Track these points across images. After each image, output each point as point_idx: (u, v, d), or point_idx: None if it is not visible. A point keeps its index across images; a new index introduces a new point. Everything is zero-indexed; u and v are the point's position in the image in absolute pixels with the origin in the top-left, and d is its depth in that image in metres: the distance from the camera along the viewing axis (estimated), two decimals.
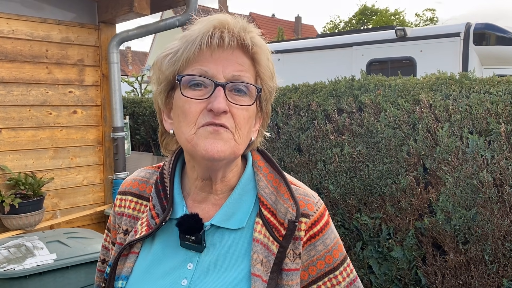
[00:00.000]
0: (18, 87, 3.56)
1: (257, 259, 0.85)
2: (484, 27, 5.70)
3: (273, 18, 37.58)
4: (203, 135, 0.82)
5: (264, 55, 0.88)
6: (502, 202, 2.60)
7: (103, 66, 3.99)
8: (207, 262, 0.88)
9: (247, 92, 0.86)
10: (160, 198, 0.94)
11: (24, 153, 3.61)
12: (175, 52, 0.85)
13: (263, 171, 0.94)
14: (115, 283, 0.91)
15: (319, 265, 0.90)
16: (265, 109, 0.94)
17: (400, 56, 6.24)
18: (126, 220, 0.98)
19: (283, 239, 0.86)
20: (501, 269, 2.63)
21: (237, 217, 0.90)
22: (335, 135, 3.38)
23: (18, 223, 3.34)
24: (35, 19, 3.62)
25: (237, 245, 0.88)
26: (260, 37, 0.88)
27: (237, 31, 0.84)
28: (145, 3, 3.64)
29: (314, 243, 0.90)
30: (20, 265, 2.33)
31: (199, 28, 0.83)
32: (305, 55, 7.18)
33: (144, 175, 1.02)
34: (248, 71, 0.86)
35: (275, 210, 0.89)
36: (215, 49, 0.83)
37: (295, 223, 0.86)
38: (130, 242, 0.92)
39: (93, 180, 4.05)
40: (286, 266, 0.86)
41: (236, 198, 0.91)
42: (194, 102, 0.83)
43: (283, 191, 0.91)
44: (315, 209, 0.91)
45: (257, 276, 0.84)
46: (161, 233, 0.92)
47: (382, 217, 3.14)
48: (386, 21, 24.11)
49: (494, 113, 2.65)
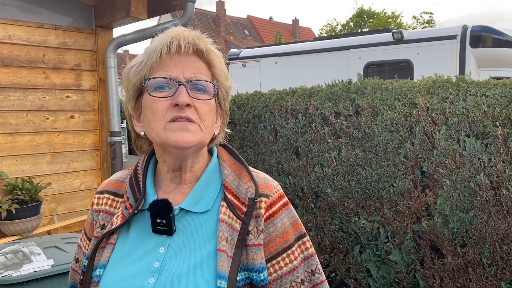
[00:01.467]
0: (15, 92, 3.55)
1: (222, 236, 0.93)
2: (480, 30, 5.72)
3: (270, 21, 37.65)
4: (171, 129, 0.92)
5: (218, 58, 0.99)
6: (500, 205, 2.60)
7: (100, 71, 3.99)
8: (177, 245, 0.96)
9: (206, 90, 0.96)
10: (133, 191, 1.03)
11: (21, 158, 3.60)
12: (139, 62, 0.97)
13: (227, 162, 1.04)
14: (93, 273, 0.98)
15: (277, 242, 0.97)
16: (224, 106, 1.05)
17: (397, 59, 6.26)
18: (103, 215, 1.06)
19: (244, 216, 0.95)
20: (499, 272, 2.63)
21: (204, 202, 0.99)
22: (332, 139, 3.38)
23: (15, 228, 3.32)
24: (32, 24, 3.62)
25: (205, 227, 0.96)
26: (212, 44, 0.99)
27: (191, 39, 0.95)
28: (142, 8, 3.63)
29: (273, 221, 0.98)
30: (17, 271, 2.32)
31: (159, 40, 0.95)
32: (302, 58, 7.19)
33: (121, 176, 1.12)
34: (204, 73, 0.97)
35: (238, 193, 0.98)
36: (173, 55, 0.94)
37: (255, 200, 0.96)
38: (107, 232, 1.00)
39: (91, 185, 4.04)
40: (250, 242, 0.94)
41: (202, 185, 1.00)
42: (161, 100, 0.93)
43: (244, 176, 1.01)
44: (274, 191, 1.01)
45: (223, 252, 0.91)
46: (135, 223, 1.01)
47: (380, 221, 3.14)
48: (383, 24, 24.17)
49: (491, 116, 2.65)
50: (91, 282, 0.98)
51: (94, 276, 0.98)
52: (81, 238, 1.15)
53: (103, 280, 0.96)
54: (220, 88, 1.00)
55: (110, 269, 0.97)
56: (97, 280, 0.97)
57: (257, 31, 34.98)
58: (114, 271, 0.96)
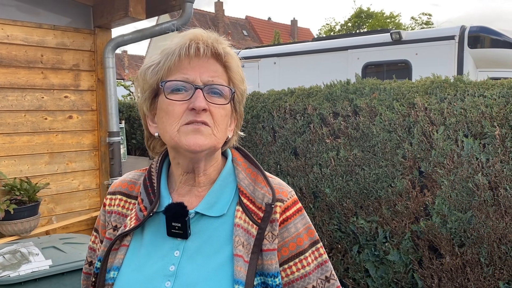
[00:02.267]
0: (13, 93, 3.54)
1: (238, 241, 0.93)
2: (478, 30, 5.73)
3: (269, 22, 37.66)
4: (185, 132, 0.92)
5: (235, 62, 0.99)
6: (498, 205, 2.61)
7: (99, 71, 3.98)
8: (192, 248, 0.95)
9: (222, 94, 0.96)
10: (148, 193, 1.02)
11: (19, 159, 3.60)
12: (157, 63, 0.96)
13: (242, 165, 1.04)
14: (107, 275, 0.97)
15: (290, 247, 0.97)
16: (239, 110, 1.04)
17: (395, 59, 6.26)
18: (116, 217, 1.05)
19: (261, 221, 0.95)
20: (497, 272, 2.64)
21: (219, 206, 0.98)
22: (331, 139, 3.39)
23: (14, 229, 3.32)
24: (30, 24, 3.61)
25: (220, 231, 0.96)
26: (230, 47, 0.99)
27: (210, 42, 0.95)
28: (141, 8, 3.63)
29: (286, 226, 0.98)
30: (15, 271, 2.31)
31: (177, 42, 0.95)
32: (301, 59, 7.19)
33: (133, 177, 1.10)
34: (221, 77, 0.97)
35: (254, 197, 0.98)
36: (192, 58, 0.94)
37: (272, 206, 0.96)
38: (121, 234, 0.99)
39: (89, 185, 4.03)
40: (265, 247, 0.94)
41: (218, 189, 1.00)
42: (177, 103, 0.93)
43: (260, 181, 1.01)
44: (289, 196, 1.01)
45: (239, 256, 0.91)
46: (149, 225, 1.00)
47: (378, 221, 3.14)
48: (381, 24, 24.19)
49: (488, 116, 2.66)
50: (105, 284, 0.97)
51: (108, 279, 0.97)
52: (93, 240, 1.13)
53: (118, 282, 0.96)
54: (236, 91, 1.00)
55: (125, 271, 0.96)
56: (111, 283, 0.96)
57: (255, 31, 34.99)
58: (129, 274, 0.96)
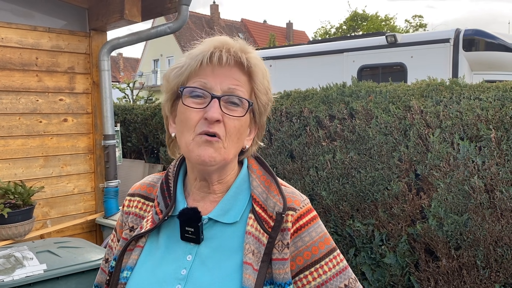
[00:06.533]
0: (8, 95, 3.52)
1: (249, 249, 0.93)
2: (473, 33, 5.76)
3: (264, 24, 37.74)
4: (197, 143, 0.93)
5: (260, 73, 0.99)
6: (494, 208, 2.61)
7: (94, 74, 3.97)
8: (204, 254, 0.97)
9: (241, 105, 0.96)
10: (164, 196, 1.04)
11: (13, 162, 3.57)
12: (181, 66, 0.98)
13: (257, 173, 1.05)
14: (120, 274, 1.00)
15: (305, 256, 0.97)
16: (259, 121, 1.05)
17: (391, 62, 6.28)
18: (133, 218, 1.08)
19: (272, 230, 0.95)
20: (493, 275, 2.64)
21: (232, 213, 0.99)
22: (327, 142, 3.39)
23: (8, 233, 3.29)
24: (25, 26, 3.59)
25: (232, 239, 0.97)
26: (257, 57, 0.99)
27: (233, 51, 0.95)
28: (136, 11, 3.63)
29: (300, 235, 0.98)
30: (9, 276, 2.29)
31: (202, 48, 0.96)
32: (297, 61, 7.20)
33: (152, 180, 1.13)
34: (244, 86, 0.97)
35: (266, 206, 0.98)
36: (215, 66, 0.94)
37: (282, 215, 0.95)
38: (136, 235, 1.02)
39: (84, 188, 4.01)
40: (274, 256, 0.94)
41: (232, 196, 1.01)
42: (193, 110, 0.94)
43: (273, 189, 1.01)
44: (302, 205, 1.00)
45: (249, 264, 0.92)
46: (164, 228, 1.02)
47: (374, 223, 3.14)
48: (376, 27, 24.29)
49: (484, 119, 2.67)
50: (118, 283, 1.00)
51: (121, 278, 0.99)
52: (112, 238, 1.16)
53: (130, 282, 0.98)
54: (256, 102, 1.00)
55: (138, 272, 0.99)
56: (124, 282, 0.99)
57: (251, 34, 35.05)
58: (142, 275, 0.98)
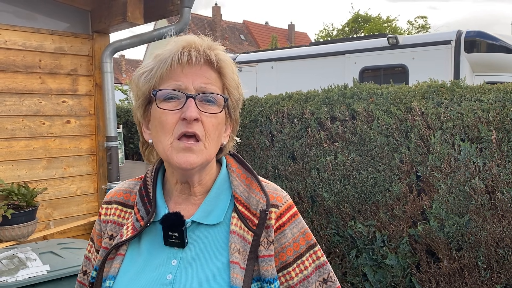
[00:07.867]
0: (11, 97, 3.54)
1: (234, 248, 0.93)
2: (474, 35, 5.76)
3: (266, 26, 37.75)
4: (176, 149, 0.92)
5: (229, 68, 0.98)
6: (495, 209, 2.62)
7: (97, 76, 3.99)
8: (189, 257, 0.95)
9: (215, 102, 0.95)
10: (144, 202, 1.02)
11: (17, 164, 3.59)
12: (150, 70, 0.96)
13: (237, 172, 1.04)
14: (102, 284, 0.97)
15: (288, 252, 0.98)
16: (234, 116, 1.03)
17: (392, 64, 6.29)
18: (111, 226, 1.05)
19: (256, 227, 0.95)
20: (495, 276, 2.64)
21: (215, 214, 0.98)
22: (328, 143, 3.40)
23: (11, 234, 3.31)
24: (28, 29, 3.62)
25: (217, 239, 0.96)
26: (224, 53, 0.98)
27: (202, 49, 0.94)
28: (139, 13, 3.64)
29: (283, 232, 0.98)
30: (13, 277, 2.31)
31: (170, 49, 0.94)
32: (298, 63, 7.21)
33: (128, 186, 1.11)
34: (215, 84, 0.96)
35: (248, 204, 0.98)
36: (185, 66, 0.93)
37: (266, 212, 0.96)
38: (117, 243, 0.99)
39: (87, 190, 4.03)
40: (261, 253, 0.94)
41: (213, 197, 1.00)
42: (169, 113, 0.92)
43: (254, 187, 1.01)
44: (284, 202, 1.01)
45: (236, 263, 0.91)
46: (146, 235, 1.00)
47: (376, 225, 3.14)
48: (378, 29, 24.27)
49: (485, 121, 2.67)
50: None
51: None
52: (89, 249, 1.13)
53: None
54: (230, 98, 0.99)
55: (121, 280, 0.96)
56: None
57: (253, 36, 35.07)
58: (125, 283, 0.96)
